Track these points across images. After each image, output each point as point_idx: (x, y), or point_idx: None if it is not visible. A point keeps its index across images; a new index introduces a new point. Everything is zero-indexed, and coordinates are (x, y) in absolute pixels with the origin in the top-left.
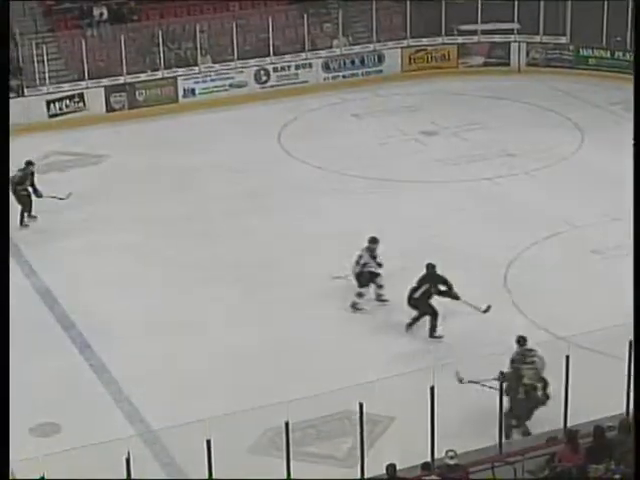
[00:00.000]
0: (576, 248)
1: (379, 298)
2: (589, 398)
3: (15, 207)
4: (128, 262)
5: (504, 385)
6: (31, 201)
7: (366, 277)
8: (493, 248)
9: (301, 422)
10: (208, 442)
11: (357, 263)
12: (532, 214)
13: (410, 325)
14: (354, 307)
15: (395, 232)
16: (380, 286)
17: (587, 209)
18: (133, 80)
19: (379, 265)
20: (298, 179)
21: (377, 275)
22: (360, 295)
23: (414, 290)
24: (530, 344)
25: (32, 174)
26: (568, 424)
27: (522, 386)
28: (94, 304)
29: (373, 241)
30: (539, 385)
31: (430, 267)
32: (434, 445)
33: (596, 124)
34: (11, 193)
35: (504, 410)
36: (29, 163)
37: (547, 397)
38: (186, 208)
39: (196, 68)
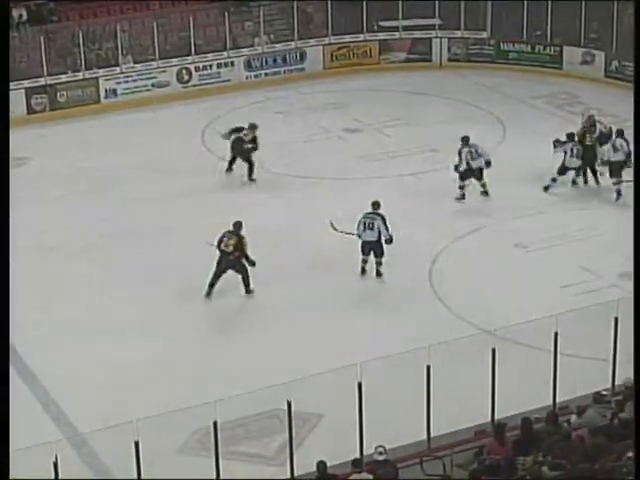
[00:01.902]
0: (500, 242)
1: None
2: (516, 391)
3: None
4: (50, 264)
5: None
6: None
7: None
8: (416, 243)
9: (230, 422)
10: (136, 444)
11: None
12: (455, 208)
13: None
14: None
15: (318, 228)
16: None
17: (510, 202)
18: (54, 81)
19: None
20: (222, 178)
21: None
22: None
23: None
24: (455, 337)
25: None
26: (495, 417)
27: None
28: (15, 307)
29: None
30: None
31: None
32: (363, 441)
33: (518, 118)
34: None
35: None
36: None
37: None
38: (109, 209)
39: (117, 68)
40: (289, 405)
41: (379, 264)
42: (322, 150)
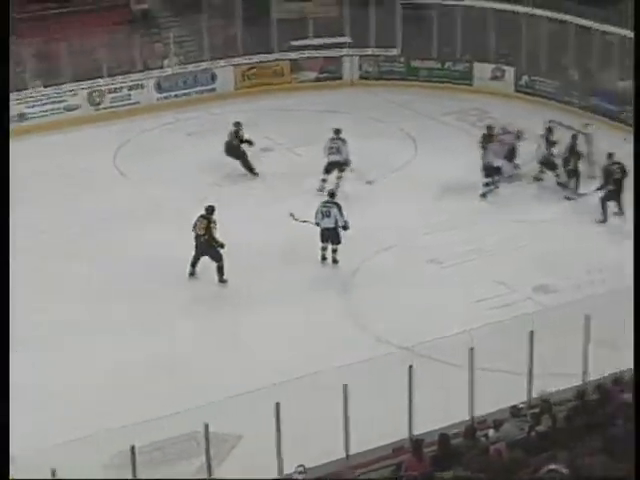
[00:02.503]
0: (413, 258)
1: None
2: (433, 406)
3: None
4: None
5: None
6: None
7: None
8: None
9: (147, 445)
10: (53, 471)
11: None
12: (370, 226)
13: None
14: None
15: (231, 249)
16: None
17: (423, 219)
18: None
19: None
20: (134, 200)
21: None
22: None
23: None
24: (371, 356)
25: None
26: (413, 433)
27: None
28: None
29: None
30: None
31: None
32: (282, 461)
33: (429, 134)
34: None
35: None
36: None
37: None
38: (19, 236)
39: (27, 92)
40: (206, 427)
41: (335, 251)
42: (234, 170)
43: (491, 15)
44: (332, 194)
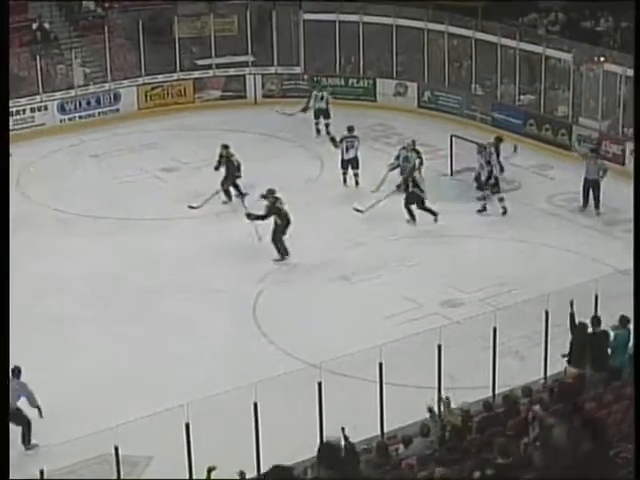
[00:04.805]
0: (322, 274)
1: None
2: (343, 422)
3: None
4: None
5: None
6: None
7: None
8: (239, 279)
9: (59, 469)
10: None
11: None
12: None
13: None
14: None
15: (140, 270)
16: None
17: (330, 235)
18: None
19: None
20: (40, 223)
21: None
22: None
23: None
24: (281, 372)
25: None
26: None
27: None
28: None
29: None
30: None
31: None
32: None
33: (334, 152)
34: None
35: None
36: None
37: None
38: None
39: None
40: (116, 450)
41: (357, 175)
42: (139, 191)
43: (394, 31)
44: (351, 128)
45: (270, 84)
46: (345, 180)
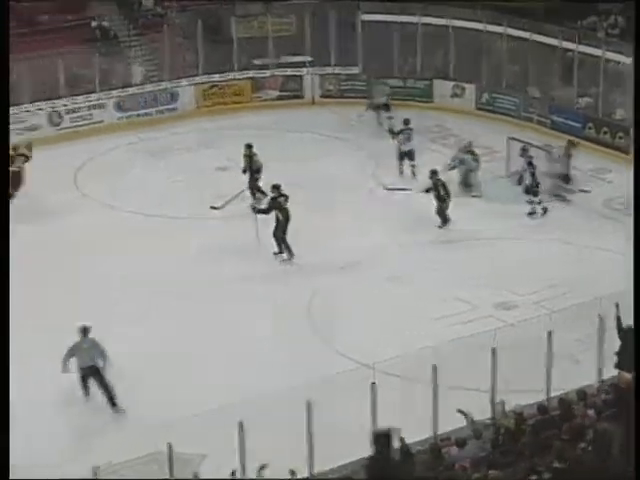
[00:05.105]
0: (373, 276)
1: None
2: (397, 424)
3: None
4: None
5: None
6: None
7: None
8: (293, 278)
9: (113, 464)
10: None
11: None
12: (330, 244)
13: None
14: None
15: (193, 268)
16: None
17: (385, 236)
18: None
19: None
20: (98, 222)
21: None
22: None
23: None
24: (335, 373)
25: None
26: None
27: None
28: None
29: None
30: None
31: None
32: None
33: (390, 153)
34: None
35: None
36: None
37: None
38: None
39: None
40: (170, 447)
41: (413, 166)
42: (195, 190)
43: (451, 32)
44: (407, 121)
45: (328, 84)
46: (401, 172)
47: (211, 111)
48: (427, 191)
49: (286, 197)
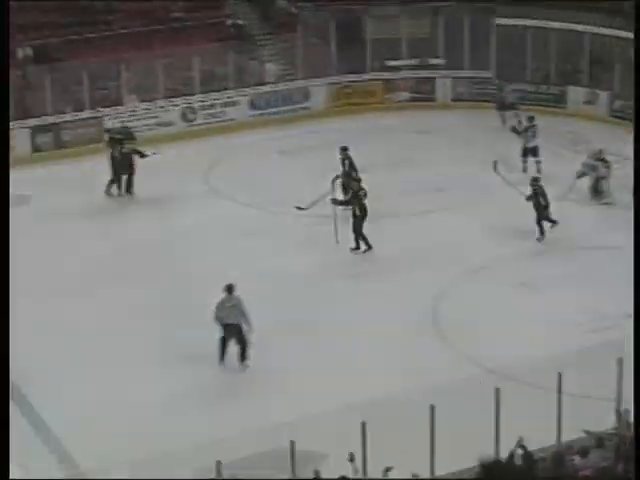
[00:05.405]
0: (505, 281)
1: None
2: (520, 430)
3: None
4: (58, 305)
5: None
6: None
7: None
8: (422, 282)
9: (235, 460)
10: None
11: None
12: (462, 248)
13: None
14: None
15: (316, 269)
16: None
17: (515, 241)
18: (58, 120)
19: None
20: (227, 218)
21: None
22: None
23: None
24: (460, 378)
25: None
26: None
27: None
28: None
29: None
30: None
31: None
32: None
33: (516, 152)
34: None
35: None
36: None
37: None
38: (111, 249)
39: (121, 107)
40: (292, 445)
41: (539, 162)
42: (327, 189)
43: (585, 38)
44: (532, 118)
45: (460, 87)
46: (525, 169)
47: (343, 111)
48: (528, 199)
49: (365, 192)
